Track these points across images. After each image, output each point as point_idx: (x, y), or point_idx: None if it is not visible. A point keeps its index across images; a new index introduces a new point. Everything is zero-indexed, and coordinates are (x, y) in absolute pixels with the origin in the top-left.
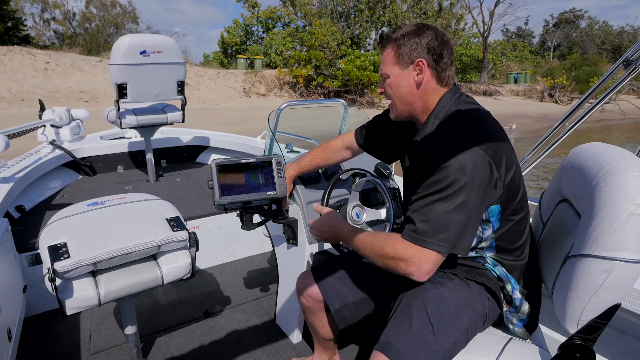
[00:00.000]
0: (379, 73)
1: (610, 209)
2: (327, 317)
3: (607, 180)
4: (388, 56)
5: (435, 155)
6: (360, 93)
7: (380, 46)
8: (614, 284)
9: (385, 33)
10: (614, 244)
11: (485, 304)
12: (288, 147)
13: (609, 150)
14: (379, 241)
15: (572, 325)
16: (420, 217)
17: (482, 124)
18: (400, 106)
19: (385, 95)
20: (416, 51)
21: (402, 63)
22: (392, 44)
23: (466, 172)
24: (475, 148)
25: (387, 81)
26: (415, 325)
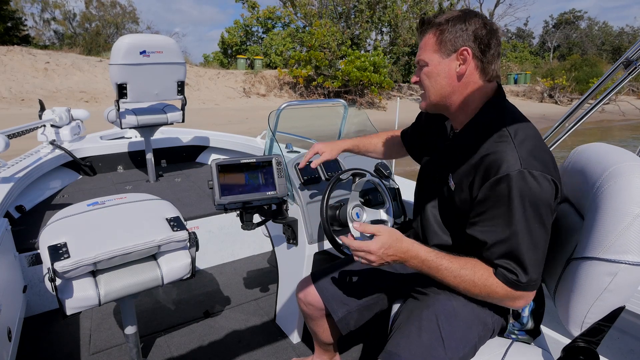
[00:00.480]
0: (416, 59)
1: (615, 211)
2: (327, 323)
3: (611, 182)
4: (428, 42)
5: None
6: (360, 93)
7: (420, 31)
8: (619, 287)
9: (427, 17)
10: (618, 247)
11: (494, 318)
12: (288, 147)
13: (611, 151)
14: (477, 271)
15: (575, 327)
16: (516, 264)
17: (541, 142)
18: (434, 98)
19: (420, 85)
20: (461, 38)
21: (444, 50)
22: (434, 29)
23: (535, 200)
24: (537, 170)
25: (424, 69)
26: (424, 338)
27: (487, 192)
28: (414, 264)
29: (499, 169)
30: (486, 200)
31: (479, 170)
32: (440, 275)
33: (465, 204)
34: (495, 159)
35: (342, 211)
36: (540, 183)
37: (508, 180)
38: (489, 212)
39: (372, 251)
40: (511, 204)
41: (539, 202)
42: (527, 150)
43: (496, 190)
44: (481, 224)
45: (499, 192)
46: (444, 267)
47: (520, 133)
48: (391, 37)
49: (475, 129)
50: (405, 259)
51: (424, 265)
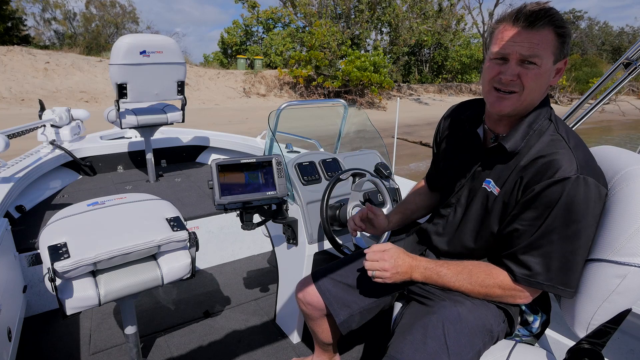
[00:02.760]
0: (523, 53)
1: (626, 214)
2: (328, 323)
3: (622, 185)
4: (547, 40)
5: (544, 184)
6: (360, 93)
7: (534, 22)
8: (627, 289)
9: (541, 7)
10: (628, 249)
11: (500, 327)
12: (288, 147)
13: (620, 154)
14: (477, 281)
15: (581, 329)
16: (534, 259)
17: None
18: (528, 102)
19: (514, 84)
20: (568, 48)
21: (558, 56)
22: (552, 28)
23: (589, 208)
24: (592, 178)
25: (531, 69)
26: (430, 345)
27: (539, 193)
28: (417, 274)
29: (556, 172)
30: (535, 200)
31: (529, 171)
32: (441, 283)
33: (509, 207)
34: (551, 161)
35: (342, 211)
36: (593, 192)
37: (565, 184)
38: (536, 211)
39: (386, 268)
40: (557, 208)
41: (588, 214)
42: (583, 156)
43: (550, 191)
44: (525, 223)
45: (552, 195)
46: (443, 273)
47: (572, 138)
48: (391, 37)
49: (526, 130)
50: (412, 271)
51: (426, 275)
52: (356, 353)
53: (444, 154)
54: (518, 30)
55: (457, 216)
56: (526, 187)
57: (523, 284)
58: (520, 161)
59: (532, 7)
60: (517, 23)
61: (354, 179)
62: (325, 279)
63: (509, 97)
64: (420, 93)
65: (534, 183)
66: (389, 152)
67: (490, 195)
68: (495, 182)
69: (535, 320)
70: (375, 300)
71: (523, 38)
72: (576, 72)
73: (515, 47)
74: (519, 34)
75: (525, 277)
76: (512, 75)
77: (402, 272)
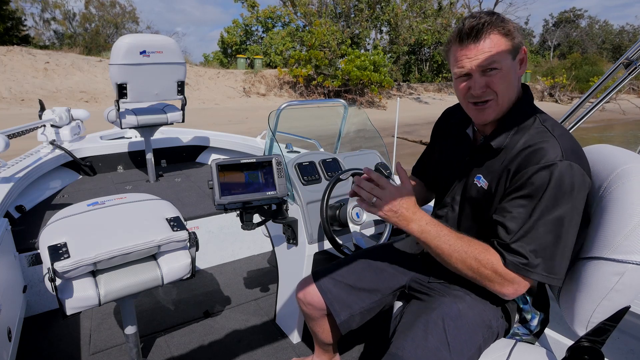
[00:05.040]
0: (480, 65)
1: (623, 212)
2: (328, 323)
3: (618, 183)
4: (499, 43)
5: (531, 169)
6: (360, 93)
7: (476, 35)
8: (626, 287)
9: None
10: (626, 247)
11: (499, 322)
12: (288, 147)
13: (616, 152)
14: (473, 253)
15: (581, 327)
16: (526, 246)
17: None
18: (506, 103)
19: (486, 93)
20: (521, 36)
21: (514, 51)
22: (496, 29)
23: (574, 192)
24: (577, 165)
25: (495, 74)
26: (431, 341)
27: (527, 179)
28: (414, 226)
29: (542, 158)
30: (524, 186)
31: (516, 160)
32: (435, 242)
33: (498, 196)
34: (537, 149)
35: (342, 211)
36: (578, 178)
37: (552, 169)
38: (525, 198)
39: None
40: (546, 193)
41: (574, 198)
42: (569, 145)
43: (537, 176)
44: (515, 210)
45: (539, 180)
46: (443, 233)
47: (556, 128)
48: (391, 36)
49: (510, 126)
50: (409, 218)
51: (424, 230)
52: (356, 352)
53: (438, 159)
54: (468, 47)
55: (454, 215)
56: (514, 175)
57: (512, 269)
58: (509, 155)
59: (469, 22)
60: (463, 42)
61: (354, 179)
62: (326, 279)
63: (487, 106)
64: (420, 92)
65: (522, 169)
66: (389, 152)
67: (480, 190)
68: (485, 176)
69: (534, 318)
70: (376, 300)
71: (475, 52)
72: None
73: (473, 63)
74: (470, 50)
75: (514, 263)
76: (481, 87)
77: (400, 215)
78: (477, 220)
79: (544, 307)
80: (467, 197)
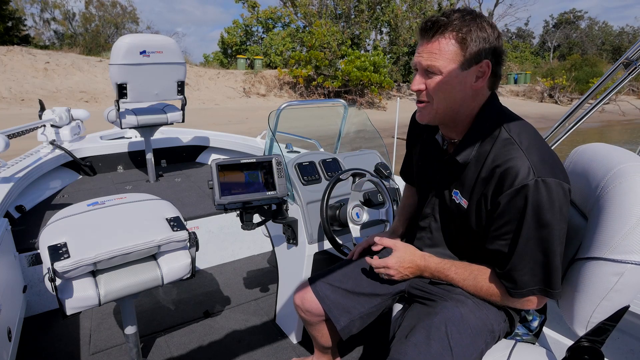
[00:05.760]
0: (421, 63)
1: (621, 212)
2: (327, 328)
3: (615, 182)
4: (446, 49)
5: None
6: (360, 93)
7: (430, 33)
8: (625, 287)
9: (438, 18)
10: (624, 247)
11: (501, 326)
12: (288, 147)
13: (613, 151)
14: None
15: (580, 327)
16: (522, 271)
17: (543, 142)
18: (442, 111)
19: (423, 94)
20: (484, 50)
21: (465, 62)
22: (452, 34)
23: (555, 207)
24: (550, 177)
25: (434, 78)
26: (434, 347)
27: (505, 205)
28: (427, 275)
29: (514, 181)
30: (504, 213)
31: (491, 183)
32: (446, 280)
33: (481, 220)
34: (507, 169)
35: (342, 211)
36: (554, 191)
37: (526, 192)
38: (509, 224)
39: (389, 265)
40: (527, 216)
41: (555, 212)
42: (537, 157)
43: (514, 202)
44: (503, 237)
45: (517, 204)
46: (450, 277)
47: (523, 137)
48: (391, 37)
49: (475, 138)
50: (420, 272)
51: (434, 276)
52: (356, 354)
53: (415, 163)
54: (422, 42)
55: (438, 225)
56: (492, 200)
57: (518, 297)
58: (481, 172)
59: (433, 18)
60: (421, 35)
61: (354, 179)
62: (324, 285)
63: (423, 107)
64: None
65: (497, 195)
66: (389, 152)
67: (460, 207)
68: (462, 193)
69: (535, 320)
70: (376, 304)
71: (424, 49)
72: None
73: (418, 59)
74: (422, 46)
75: (518, 291)
76: (416, 85)
77: (411, 274)
78: (462, 232)
79: (543, 309)
80: (447, 211)
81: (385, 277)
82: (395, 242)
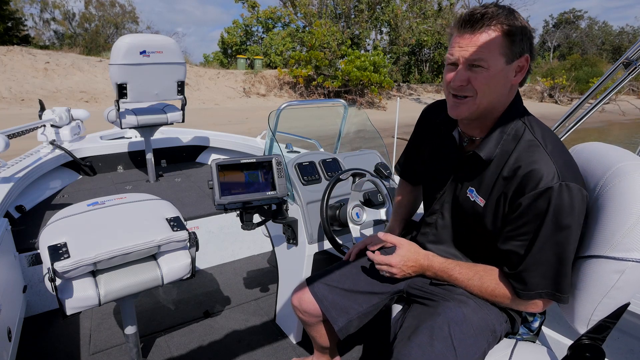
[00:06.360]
0: (467, 57)
1: (621, 210)
2: (325, 328)
3: (615, 181)
4: (494, 42)
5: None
6: (360, 93)
7: (477, 25)
8: (626, 284)
9: (484, 9)
10: (625, 245)
11: (503, 327)
12: (288, 147)
13: (611, 150)
14: (487, 288)
15: (582, 325)
16: (535, 273)
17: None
18: (485, 105)
19: (466, 88)
20: (525, 44)
21: (510, 56)
22: (498, 26)
23: (575, 213)
24: (573, 183)
25: (480, 72)
26: (437, 347)
27: (526, 207)
28: (429, 274)
29: (538, 183)
30: (524, 215)
31: (512, 183)
32: (449, 281)
33: (497, 219)
34: (531, 171)
35: (342, 211)
36: (576, 197)
37: (549, 195)
38: (527, 226)
39: (392, 264)
40: (547, 219)
41: (574, 217)
42: (562, 161)
43: (536, 204)
44: (519, 238)
45: (539, 207)
46: (454, 277)
47: (548, 140)
48: (391, 37)
49: (500, 136)
50: (423, 270)
51: (438, 276)
52: (356, 353)
53: (423, 158)
54: (463, 35)
55: (446, 222)
56: (512, 201)
57: (525, 298)
58: (502, 171)
59: (477, 10)
60: (462, 28)
61: (354, 179)
62: (321, 286)
63: (464, 101)
64: (420, 93)
65: (519, 196)
66: (389, 152)
67: (475, 206)
68: (478, 191)
69: (536, 321)
70: (374, 303)
71: (468, 42)
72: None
73: (462, 52)
74: (464, 39)
75: (527, 292)
76: (461, 81)
77: (413, 273)
78: (473, 231)
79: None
80: (460, 208)
81: (386, 275)
82: (399, 239)
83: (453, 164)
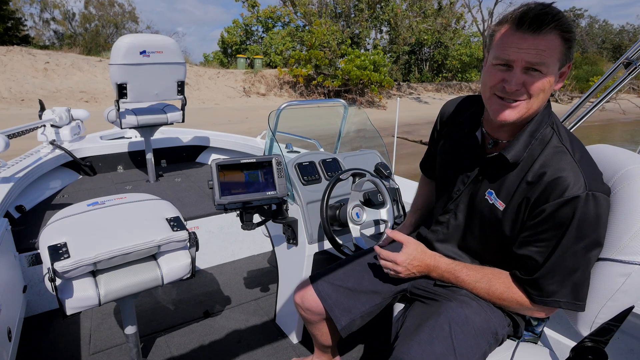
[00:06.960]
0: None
1: (628, 213)
2: (327, 327)
3: (623, 184)
4: (555, 45)
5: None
6: (360, 92)
7: (542, 28)
8: (631, 287)
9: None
10: (632, 248)
11: (505, 330)
12: (288, 147)
13: (618, 153)
14: (496, 292)
15: (585, 327)
16: (552, 280)
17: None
18: (534, 110)
19: (520, 92)
20: (574, 51)
21: (564, 61)
22: (558, 31)
23: (600, 222)
24: (600, 193)
25: (537, 77)
26: (437, 347)
27: (549, 214)
28: (435, 275)
29: (564, 191)
30: (546, 221)
31: (536, 189)
32: (459, 285)
33: (516, 223)
34: (558, 178)
35: (342, 211)
36: (602, 207)
37: (575, 204)
38: (548, 232)
39: (398, 262)
40: (571, 228)
41: (599, 227)
42: (589, 169)
43: (561, 211)
44: (538, 244)
45: (563, 214)
46: (461, 279)
47: (575, 148)
48: (391, 36)
49: (528, 139)
50: (429, 271)
51: (444, 277)
52: (356, 353)
53: (441, 155)
54: (523, 36)
55: (458, 223)
56: (534, 206)
57: (539, 303)
58: (526, 175)
59: (537, 10)
60: (521, 27)
61: (354, 179)
62: (325, 284)
63: (514, 105)
64: (420, 92)
65: (543, 203)
66: (389, 152)
67: (494, 209)
68: (498, 194)
69: (539, 325)
70: (377, 303)
71: (529, 44)
72: (576, 71)
73: (521, 54)
74: (525, 40)
75: (542, 299)
76: (517, 85)
77: (419, 273)
78: (487, 234)
79: None
80: (476, 210)
81: (391, 273)
82: (407, 238)
83: (473, 165)
